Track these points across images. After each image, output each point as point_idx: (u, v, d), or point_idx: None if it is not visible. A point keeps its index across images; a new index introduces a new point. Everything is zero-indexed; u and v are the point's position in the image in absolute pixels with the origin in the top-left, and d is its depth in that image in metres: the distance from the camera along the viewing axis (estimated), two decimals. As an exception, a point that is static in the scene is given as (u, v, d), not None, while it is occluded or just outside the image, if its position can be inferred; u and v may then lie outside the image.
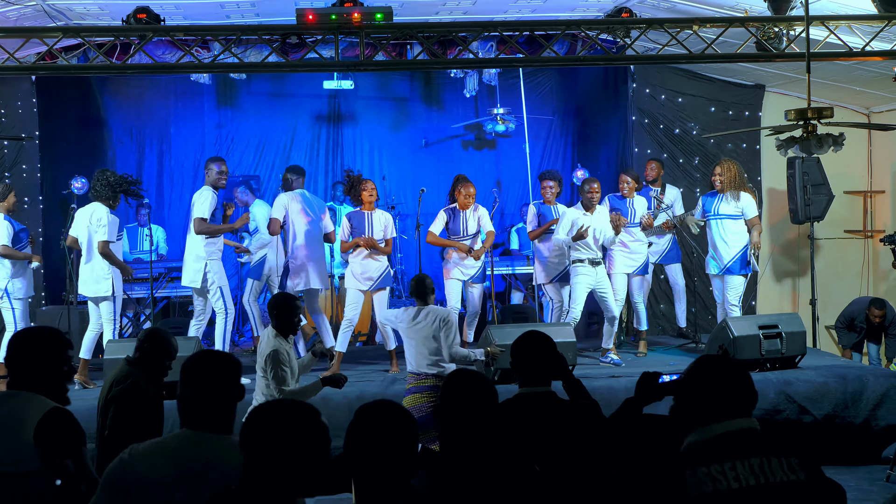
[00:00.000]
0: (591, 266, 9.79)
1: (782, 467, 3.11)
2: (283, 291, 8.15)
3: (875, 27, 8.82)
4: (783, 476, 3.08)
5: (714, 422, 3.19)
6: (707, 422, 3.20)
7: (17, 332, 4.75)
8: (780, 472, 3.09)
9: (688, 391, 3.30)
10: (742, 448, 3.13)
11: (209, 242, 9.34)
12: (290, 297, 6.67)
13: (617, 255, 10.34)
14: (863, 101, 12.45)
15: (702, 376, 3.30)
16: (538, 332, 4.55)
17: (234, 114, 14.56)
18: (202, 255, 9.34)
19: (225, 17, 10.22)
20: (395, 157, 14.73)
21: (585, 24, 9.06)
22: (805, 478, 3.11)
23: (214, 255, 9.40)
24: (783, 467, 3.11)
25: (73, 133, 13.01)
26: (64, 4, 9.53)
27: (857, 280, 12.86)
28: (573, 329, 9.31)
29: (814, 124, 7.22)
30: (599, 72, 13.41)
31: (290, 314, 6.36)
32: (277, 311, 6.41)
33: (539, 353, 4.43)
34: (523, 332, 4.59)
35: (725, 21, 9.01)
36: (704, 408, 3.22)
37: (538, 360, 4.41)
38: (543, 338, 4.50)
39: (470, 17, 10.32)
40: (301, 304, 6.87)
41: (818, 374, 9.10)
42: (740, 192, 9.97)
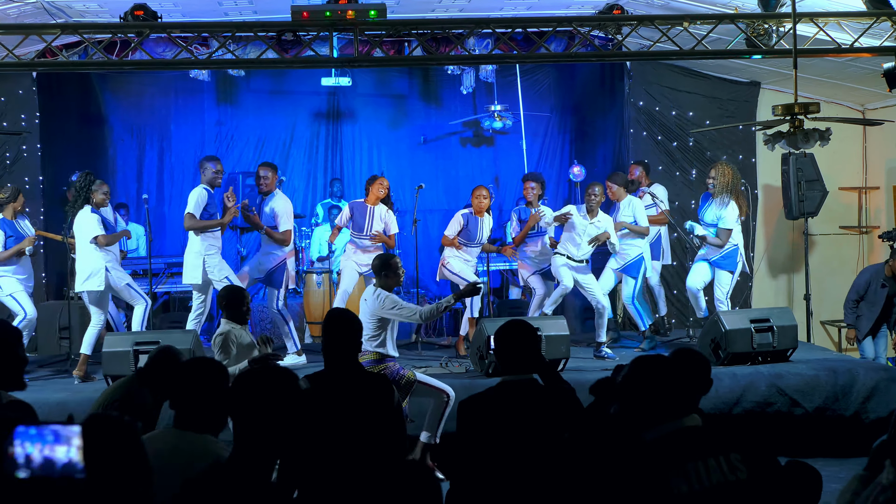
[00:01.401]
0: (574, 263, 9.95)
1: (721, 467, 3.11)
2: (232, 285, 8.33)
3: (864, 24, 8.90)
4: (720, 478, 3.07)
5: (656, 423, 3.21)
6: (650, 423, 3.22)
7: None
8: (718, 474, 3.08)
9: (625, 395, 3.32)
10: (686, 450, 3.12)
11: (205, 237, 9.46)
12: (239, 290, 7.19)
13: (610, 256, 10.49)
14: (857, 98, 12.53)
15: (634, 380, 3.29)
16: (519, 321, 4.67)
17: (233, 111, 14.65)
18: (200, 251, 9.48)
19: (223, 14, 10.31)
20: (393, 153, 14.81)
21: (577, 21, 9.16)
22: (747, 476, 3.08)
23: (211, 250, 9.51)
24: (722, 467, 3.11)
25: (73, 130, 13.10)
26: (63, 2, 9.61)
27: (852, 276, 12.85)
28: (566, 323, 9.40)
29: (800, 119, 7.32)
30: (596, 69, 13.49)
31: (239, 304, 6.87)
32: (227, 301, 6.88)
33: (520, 341, 4.54)
34: (505, 322, 4.70)
35: (716, 17, 9.10)
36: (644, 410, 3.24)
37: (519, 348, 4.51)
38: (524, 326, 4.62)
39: (466, 14, 10.41)
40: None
41: (809, 368, 9.18)
42: (730, 201, 10.01)
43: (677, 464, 3.07)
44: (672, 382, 3.23)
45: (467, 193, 14.09)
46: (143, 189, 14.07)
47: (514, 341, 4.56)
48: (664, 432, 3.15)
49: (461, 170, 14.77)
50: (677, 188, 12.45)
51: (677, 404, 3.20)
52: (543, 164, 14.51)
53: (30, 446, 1.94)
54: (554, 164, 14.67)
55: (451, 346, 11.14)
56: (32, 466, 1.93)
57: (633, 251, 10.38)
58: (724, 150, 12.52)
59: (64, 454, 1.94)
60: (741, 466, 3.08)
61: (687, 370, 3.42)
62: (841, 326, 12.48)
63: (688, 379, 3.31)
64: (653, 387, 3.21)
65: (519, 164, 13.99)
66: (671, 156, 12.57)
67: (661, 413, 3.18)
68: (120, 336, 9.07)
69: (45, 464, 1.93)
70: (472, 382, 8.50)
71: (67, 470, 1.93)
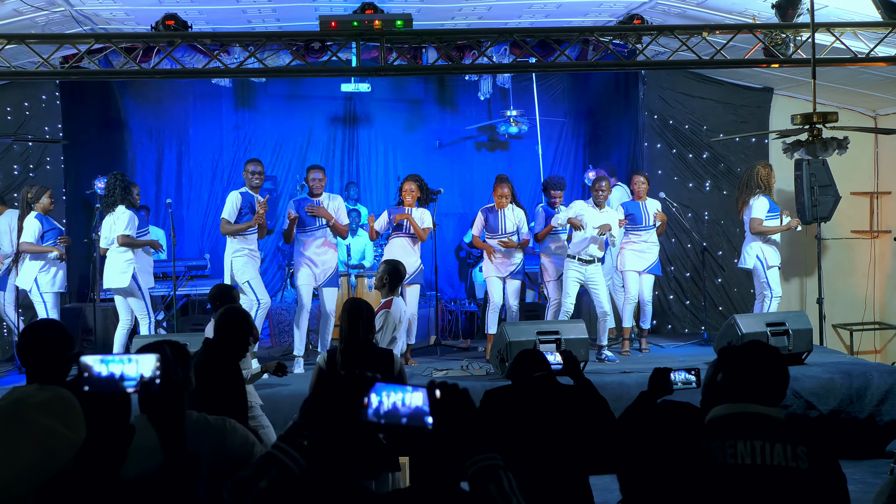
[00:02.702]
0: (583, 263, 10.13)
1: (785, 453, 3.31)
2: (221, 283, 8.51)
3: (879, 33, 9.03)
4: (782, 461, 3.30)
5: (738, 401, 3.40)
6: (732, 400, 3.44)
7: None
8: (781, 457, 3.31)
9: (727, 368, 3.50)
10: (750, 430, 3.30)
11: (234, 241, 9.76)
12: (229, 288, 7.34)
13: (628, 254, 10.70)
14: (869, 104, 12.66)
15: (743, 357, 3.49)
16: (532, 351, 5.12)
17: (251, 115, 14.80)
18: (229, 253, 9.84)
19: (246, 22, 10.48)
20: (409, 158, 14.92)
21: (598, 31, 9.31)
22: (808, 467, 3.27)
23: (239, 253, 9.79)
24: (786, 453, 3.31)
25: (94, 134, 13.30)
26: (91, 10, 9.76)
27: (864, 279, 13.06)
28: (584, 326, 9.56)
29: (819, 128, 7.47)
30: (611, 75, 13.61)
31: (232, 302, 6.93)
32: (220, 301, 6.94)
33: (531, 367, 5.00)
34: (520, 352, 5.20)
35: (734, 28, 9.25)
36: (733, 386, 3.44)
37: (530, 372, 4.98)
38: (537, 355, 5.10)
39: (485, 22, 10.57)
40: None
41: (824, 371, 9.33)
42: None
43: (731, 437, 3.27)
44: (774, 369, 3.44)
45: (482, 197, 14.32)
46: (162, 192, 14.27)
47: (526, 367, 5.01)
48: (745, 411, 3.35)
49: (476, 174, 14.91)
50: (691, 194, 12.63)
51: (766, 391, 3.40)
52: (558, 169, 14.65)
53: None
54: (568, 168, 14.81)
55: (468, 348, 11.32)
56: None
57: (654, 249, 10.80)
58: (737, 155, 12.69)
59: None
60: (804, 458, 3.28)
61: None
62: (854, 330, 12.65)
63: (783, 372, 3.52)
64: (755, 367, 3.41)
65: (534, 169, 14.15)
66: (685, 161, 12.72)
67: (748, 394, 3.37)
68: (148, 338, 9.24)
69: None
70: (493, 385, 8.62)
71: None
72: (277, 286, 13.71)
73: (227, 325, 5.62)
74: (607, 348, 10.28)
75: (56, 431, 2.09)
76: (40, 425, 2.07)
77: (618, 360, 10.15)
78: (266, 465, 2.22)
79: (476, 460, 2.24)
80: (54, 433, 2.09)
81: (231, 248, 9.83)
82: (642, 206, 10.69)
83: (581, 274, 10.19)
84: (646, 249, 10.71)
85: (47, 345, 4.01)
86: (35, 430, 2.07)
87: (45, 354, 3.95)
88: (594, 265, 10.22)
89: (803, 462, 3.27)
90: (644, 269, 10.72)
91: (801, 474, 3.27)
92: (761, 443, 3.30)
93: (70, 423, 2.13)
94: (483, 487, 2.22)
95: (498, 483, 2.22)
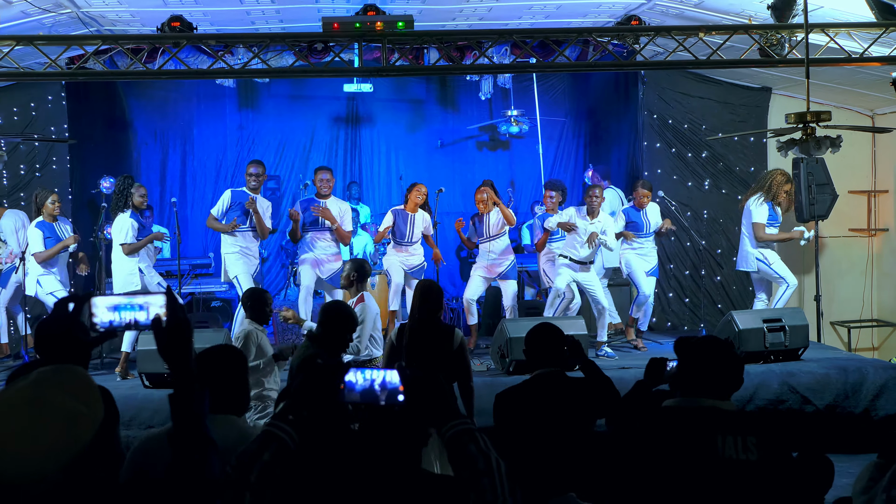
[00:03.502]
0: (573, 263, 10.34)
1: (736, 445, 3.48)
2: (255, 287, 8.71)
3: (873, 34, 9.15)
4: (733, 454, 3.44)
5: (692, 395, 3.61)
6: (687, 393, 3.63)
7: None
8: (732, 450, 3.45)
9: (682, 361, 3.73)
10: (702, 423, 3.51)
11: (228, 239, 10.07)
12: (261, 291, 7.51)
13: (633, 257, 10.89)
14: (866, 104, 12.78)
15: (697, 352, 3.70)
16: (547, 324, 5.10)
17: (254, 115, 14.92)
18: (223, 251, 10.13)
19: (250, 24, 10.62)
20: (411, 157, 15.06)
21: (597, 32, 9.44)
22: (757, 459, 3.44)
23: (230, 250, 10.06)
24: (737, 446, 3.48)
25: (99, 134, 13.40)
26: (97, 12, 9.90)
27: (861, 277, 13.17)
28: (584, 323, 9.69)
29: (813, 127, 7.60)
30: (610, 75, 13.72)
31: (262, 305, 7.19)
32: (251, 302, 7.17)
33: (549, 341, 4.99)
34: (535, 325, 5.12)
35: (730, 28, 9.38)
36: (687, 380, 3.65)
37: (549, 347, 4.96)
38: (552, 328, 5.03)
39: (485, 23, 10.71)
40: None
41: (820, 366, 9.45)
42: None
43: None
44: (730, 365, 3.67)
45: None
46: (167, 192, 14.39)
47: (543, 341, 5.01)
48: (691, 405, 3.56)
49: (478, 173, 14.96)
50: (690, 193, 12.76)
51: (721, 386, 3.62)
52: (558, 168, 14.78)
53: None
54: (569, 168, 14.94)
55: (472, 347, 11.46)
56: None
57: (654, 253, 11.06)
58: (736, 154, 12.81)
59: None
60: (753, 448, 3.45)
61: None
62: (851, 327, 12.77)
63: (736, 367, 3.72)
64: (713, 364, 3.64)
65: (534, 168, 14.26)
66: (684, 160, 12.83)
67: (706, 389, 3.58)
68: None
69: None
70: (494, 381, 8.76)
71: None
72: (281, 284, 13.83)
73: (331, 318, 6.06)
74: (607, 345, 10.40)
75: (77, 411, 2.22)
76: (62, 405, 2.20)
77: (617, 356, 10.28)
78: (267, 441, 2.43)
79: (452, 425, 2.45)
80: (75, 413, 2.22)
81: (224, 245, 10.12)
82: (643, 214, 10.85)
83: (572, 271, 10.36)
84: (647, 253, 10.95)
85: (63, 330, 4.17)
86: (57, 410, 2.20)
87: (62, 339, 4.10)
88: (585, 268, 10.37)
89: (752, 454, 3.43)
90: (648, 272, 10.93)
91: (751, 466, 3.43)
92: (713, 436, 3.49)
93: (89, 402, 2.27)
94: (462, 448, 2.42)
95: (476, 443, 2.43)
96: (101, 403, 2.32)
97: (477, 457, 2.40)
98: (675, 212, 12.09)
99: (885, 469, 3.61)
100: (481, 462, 2.40)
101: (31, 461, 2.16)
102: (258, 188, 10.17)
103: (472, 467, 2.40)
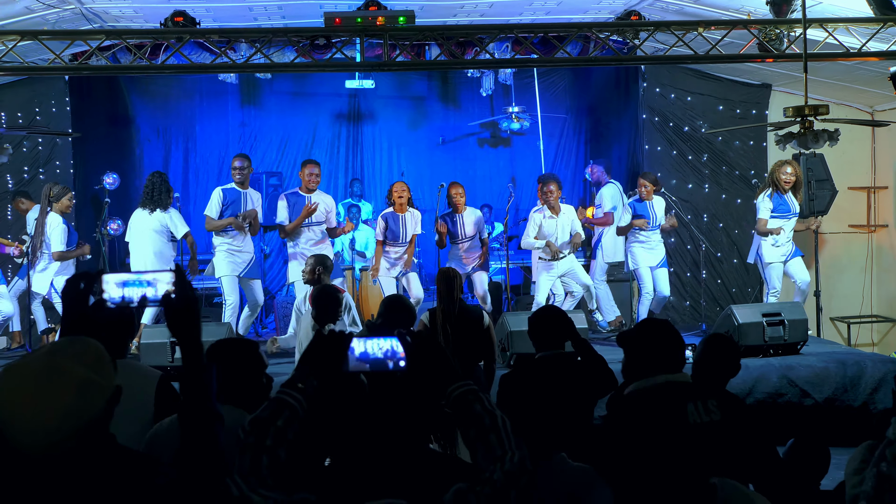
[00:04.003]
0: (552, 261, 10.49)
1: (698, 410, 3.64)
2: (326, 284, 8.72)
3: (871, 29, 9.19)
4: (697, 418, 3.62)
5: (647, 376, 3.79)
6: (643, 376, 3.79)
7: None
8: (695, 415, 3.62)
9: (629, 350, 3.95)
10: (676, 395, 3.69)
11: (217, 237, 10.23)
12: (332, 289, 7.50)
13: (638, 251, 10.90)
14: (866, 100, 12.82)
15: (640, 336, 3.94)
16: (550, 306, 5.22)
17: (257, 112, 14.98)
18: (214, 246, 10.29)
19: (252, 20, 10.67)
20: (412, 154, 15.13)
21: (597, 27, 9.48)
22: (721, 418, 3.66)
23: (220, 248, 10.20)
24: (698, 410, 3.64)
25: (103, 131, 13.48)
26: (100, 7, 9.96)
27: (861, 273, 13.22)
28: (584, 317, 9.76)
29: (810, 120, 7.66)
30: (611, 71, 13.81)
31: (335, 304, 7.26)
32: (322, 302, 7.18)
33: (549, 323, 5.12)
34: (538, 308, 5.23)
35: (729, 23, 9.43)
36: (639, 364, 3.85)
37: (551, 327, 5.05)
38: (552, 310, 5.18)
39: (487, 19, 10.77)
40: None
41: (819, 360, 9.48)
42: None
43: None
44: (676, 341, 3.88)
45: (485, 193, 14.46)
46: (169, 189, 14.44)
47: (546, 322, 5.13)
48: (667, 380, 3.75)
49: (479, 170, 15.09)
50: (691, 189, 12.81)
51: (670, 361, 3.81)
52: (559, 165, 14.83)
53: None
54: (570, 164, 14.98)
55: None
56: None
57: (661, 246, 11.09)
58: (737, 153, 12.86)
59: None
60: (716, 410, 3.62)
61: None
62: (851, 322, 12.82)
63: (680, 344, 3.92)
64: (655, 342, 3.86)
65: (535, 165, 14.31)
66: (684, 156, 12.88)
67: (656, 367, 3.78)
68: (158, 328, 9.42)
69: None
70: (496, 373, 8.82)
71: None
72: (283, 280, 13.88)
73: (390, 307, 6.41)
74: (597, 311, 10.61)
75: (90, 379, 2.30)
76: (76, 374, 2.28)
77: (609, 326, 10.45)
78: (280, 407, 2.50)
79: (456, 387, 2.53)
80: (89, 381, 2.30)
81: (215, 241, 10.27)
82: (649, 206, 10.84)
83: (553, 271, 10.51)
84: (654, 246, 10.93)
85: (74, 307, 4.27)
86: (71, 378, 2.28)
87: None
88: (565, 257, 10.55)
89: (715, 414, 3.61)
90: (656, 265, 10.91)
91: (716, 426, 3.60)
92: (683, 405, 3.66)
93: (101, 372, 2.35)
94: (468, 407, 2.50)
95: (480, 402, 2.50)
96: (113, 374, 2.39)
97: (482, 415, 2.48)
98: (677, 210, 12.14)
99: (876, 449, 3.68)
100: (487, 419, 2.47)
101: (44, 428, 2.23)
102: (245, 181, 10.26)
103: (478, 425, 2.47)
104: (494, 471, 2.38)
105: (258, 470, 2.40)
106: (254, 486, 2.36)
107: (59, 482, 2.28)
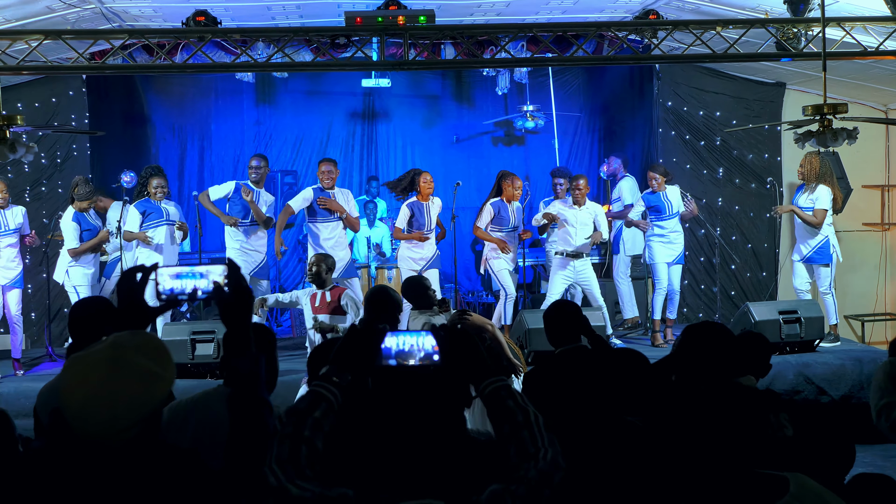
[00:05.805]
0: (570, 259, 10.44)
1: (771, 424, 3.61)
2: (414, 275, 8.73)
3: (889, 28, 9.21)
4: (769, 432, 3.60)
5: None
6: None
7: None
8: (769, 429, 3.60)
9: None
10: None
11: (229, 231, 10.59)
12: (419, 279, 7.53)
13: (656, 245, 10.82)
14: (880, 99, 12.84)
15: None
16: (564, 301, 5.27)
17: (272, 111, 15.05)
18: (226, 243, 10.60)
19: (270, 19, 10.75)
20: (426, 152, 15.15)
21: (615, 26, 9.52)
22: (792, 434, 3.60)
23: (231, 245, 10.53)
24: (772, 424, 3.61)
25: (119, 129, 13.53)
26: (120, 7, 10.03)
27: (875, 271, 13.24)
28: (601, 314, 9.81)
29: (829, 119, 7.69)
30: (625, 70, 13.85)
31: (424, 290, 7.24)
32: (413, 293, 7.22)
33: (567, 316, 5.14)
34: (552, 303, 5.37)
35: (747, 22, 9.45)
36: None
37: (567, 322, 5.11)
38: (566, 304, 5.28)
39: (503, 18, 10.82)
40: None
41: (835, 357, 9.55)
42: (818, 185, 10.47)
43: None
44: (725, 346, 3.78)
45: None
46: (185, 186, 14.53)
47: (562, 316, 5.16)
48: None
49: (493, 168, 14.97)
50: (705, 186, 12.83)
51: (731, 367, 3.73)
52: (573, 163, 14.86)
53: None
54: (583, 162, 15.03)
55: None
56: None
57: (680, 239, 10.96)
58: (751, 150, 12.89)
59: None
60: (788, 425, 3.56)
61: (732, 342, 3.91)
62: (865, 320, 12.83)
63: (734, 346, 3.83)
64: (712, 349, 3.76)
65: (550, 163, 14.30)
66: (699, 155, 12.91)
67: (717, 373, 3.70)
68: (177, 326, 9.50)
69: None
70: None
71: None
72: (298, 279, 13.97)
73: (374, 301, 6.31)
74: (614, 336, 10.52)
75: (152, 371, 2.38)
76: (139, 366, 2.36)
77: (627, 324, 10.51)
78: (316, 400, 2.52)
79: (489, 382, 2.55)
80: (151, 373, 2.38)
81: (227, 239, 10.58)
82: (663, 196, 10.77)
83: (569, 272, 10.48)
84: (673, 239, 10.79)
85: (94, 318, 4.34)
86: (135, 370, 2.35)
87: (92, 326, 4.26)
88: (582, 260, 10.48)
89: (788, 429, 3.57)
90: (673, 261, 10.84)
91: (788, 442, 3.56)
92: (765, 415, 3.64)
93: (162, 363, 2.43)
94: (501, 402, 2.52)
95: (513, 398, 2.52)
96: (173, 366, 2.47)
97: (515, 411, 2.49)
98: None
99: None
100: (520, 415, 2.48)
101: (111, 417, 2.31)
102: (260, 181, 10.44)
103: (511, 421, 2.48)
104: (529, 469, 2.39)
105: (297, 459, 2.39)
106: (291, 477, 2.35)
107: (121, 469, 2.36)
